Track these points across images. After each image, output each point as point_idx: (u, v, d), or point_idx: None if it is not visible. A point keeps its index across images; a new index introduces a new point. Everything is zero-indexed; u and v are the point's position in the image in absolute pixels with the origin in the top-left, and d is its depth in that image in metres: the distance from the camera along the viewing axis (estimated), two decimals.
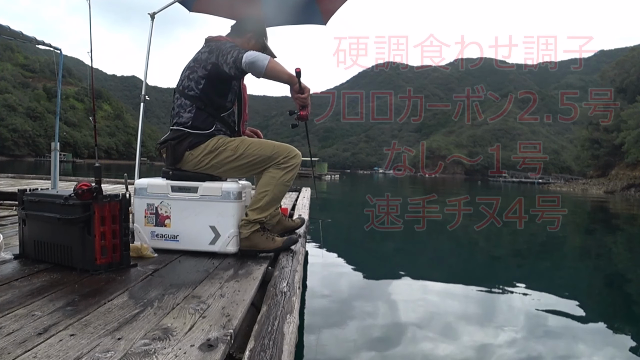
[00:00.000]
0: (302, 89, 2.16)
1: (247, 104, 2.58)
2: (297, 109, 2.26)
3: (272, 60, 2.12)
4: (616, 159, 49.68)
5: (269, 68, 2.09)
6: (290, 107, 2.31)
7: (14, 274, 1.71)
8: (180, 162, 2.28)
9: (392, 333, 3.31)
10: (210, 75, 2.22)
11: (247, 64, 2.10)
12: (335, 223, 9.87)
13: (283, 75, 2.13)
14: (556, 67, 3.18)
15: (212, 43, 2.29)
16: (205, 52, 2.26)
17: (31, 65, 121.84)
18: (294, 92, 2.17)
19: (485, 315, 3.90)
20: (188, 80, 2.27)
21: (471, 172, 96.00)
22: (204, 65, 2.23)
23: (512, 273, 6.07)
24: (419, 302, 4.27)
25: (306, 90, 2.17)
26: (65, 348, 1.07)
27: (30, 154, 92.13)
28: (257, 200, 2.24)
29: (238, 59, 2.11)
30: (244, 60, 2.10)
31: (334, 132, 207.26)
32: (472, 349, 3.10)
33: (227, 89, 2.31)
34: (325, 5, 3.25)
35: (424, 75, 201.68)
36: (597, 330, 3.72)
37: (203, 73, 2.23)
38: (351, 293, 4.47)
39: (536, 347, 3.15)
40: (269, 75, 2.12)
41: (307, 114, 2.26)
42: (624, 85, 52.40)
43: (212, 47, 2.25)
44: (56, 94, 4.77)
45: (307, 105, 2.24)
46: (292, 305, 1.49)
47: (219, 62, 2.18)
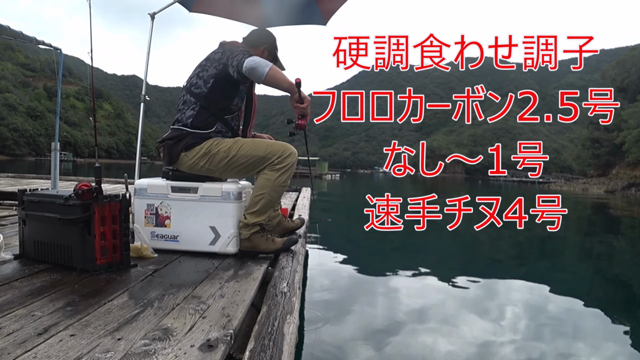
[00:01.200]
0: (301, 99, 2.17)
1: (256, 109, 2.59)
2: (295, 118, 2.26)
3: (274, 67, 2.12)
4: (617, 159, 49.68)
5: (269, 75, 2.09)
6: (290, 107, 2.30)
7: (14, 274, 1.71)
8: (176, 163, 2.28)
9: (392, 333, 3.31)
10: (219, 75, 2.23)
11: (248, 69, 2.10)
12: (335, 223, 9.87)
13: (283, 84, 2.14)
14: (556, 67, 3.17)
15: (227, 46, 2.32)
16: (219, 52, 2.28)
17: (32, 65, 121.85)
18: (294, 100, 2.18)
19: (485, 316, 3.90)
20: (197, 78, 2.28)
21: (472, 172, 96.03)
22: (216, 66, 2.24)
23: (511, 273, 6.07)
24: (420, 302, 4.27)
25: (306, 100, 2.19)
26: (65, 348, 1.07)
27: (31, 153, 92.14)
28: (253, 203, 2.23)
29: (241, 63, 2.12)
30: (245, 65, 2.10)
31: (335, 132, 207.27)
32: (472, 348, 3.10)
33: (234, 92, 2.32)
34: (326, 6, 3.25)
35: (424, 75, 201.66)
36: (598, 328, 3.72)
37: (213, 72, 2.24)
38: (351, 293, 4.47)
39: (535, 345, 3.15)
40: (268, 82, 2.13)
41: (305, 124, 2.27)
42: (624, 85, 52.39)
43: (226, 49, 2.28)
44: (57, 93, 4.77)
45: (306, 115, 2.24)
46: (292, 306, 1.49)
47: (228, 63, 2.20)
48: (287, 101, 2.29)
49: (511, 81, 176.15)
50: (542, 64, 3.15)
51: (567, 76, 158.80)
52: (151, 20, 3.53)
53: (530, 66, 3.16)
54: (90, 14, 2.30)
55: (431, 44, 3.20)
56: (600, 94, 3.21)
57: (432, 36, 3.20)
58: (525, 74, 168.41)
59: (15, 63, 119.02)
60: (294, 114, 2.27)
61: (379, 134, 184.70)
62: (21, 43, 5.28)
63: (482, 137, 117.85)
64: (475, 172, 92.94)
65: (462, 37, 3.22)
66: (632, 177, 42.53)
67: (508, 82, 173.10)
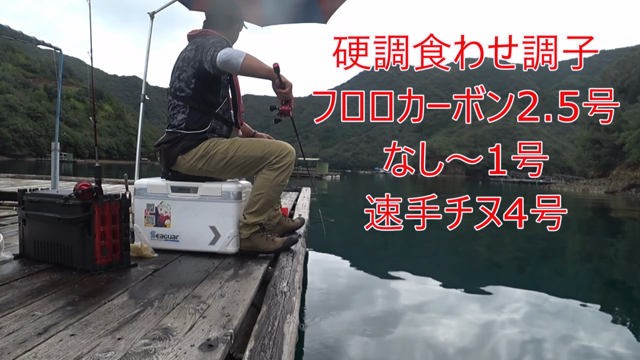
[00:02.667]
0: (282, 84, 2.08)
1: (241, 96, 2.53)
2: (278, 104, 2.20)
3: (248, 56, 2.01)
4: (617, 159, 49.63)
5: (244, 65, 2.01)
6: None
7: (14, 274, 1.71)
8: (173, 166, 2.27)
9: (392, 332, 3.31)
10: (198, 73, 2.18)
11: (222, 62, 2.03)
12: (336, 223, 9.86)
13: (261, 71, 2.05)
14: (556, 67, 3.17)
15: (197, 39, 2.23)
16: (192, 49, 2.20)
17: (32, 65, 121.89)
18: (275, 86, 2.10)
19: (485, 316, 3.89)
20: (179, 81, 2.23)
21: (472, 172, 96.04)
22: (192, 64, 2.18)
23: (511, 272, 6.07)
24: (419, 302, 4.27)
25: (287, 85, 2.10)
26: (65, 348, 1.07)
27: (32, 154, 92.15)
28: (252, 203, 2.22)
29: (214, 57, 2.05)
30: (218, 60, 2.03)
31: (335, 132, 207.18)
32: (472, 349, 3.10)
33: (217, 85, 2.27)
34: (326, 4, 3.25)
35: (425, 75, 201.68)
36: (598, 328, 3.72)
37: (192, 72, 2.19)
38: (351, 293, 4.47)
39: (535, 345, 3.15)
40: (245, 72, 2.05)
41: (289, 109, 2.20)
42: (625, 85, 52.37)
43: (198, 43, 2.19)
44: (57, 94, 4.77)
45: (290, 100, 2.17)
46: (292, 305, 1.49)
47: (202, 59, 2.13)
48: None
49: (511, 81, 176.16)
50: (542, 64, 3.14)
51: (568, 76, 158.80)
52: (151, 20, 3.53)
53: (530, 66, 3.16)
54: (90, 14, 2.30)
55: (431, 44, 3.19)
56: (600, 94, 3.21)
57: (432, 36, 3.20)
58: (525, 74, 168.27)
59: (16, 64, 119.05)
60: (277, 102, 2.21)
61: (380, 134, 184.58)
62: (22, 44, 5.29)
63: (483, 138, 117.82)
64: (475, 173, 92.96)
65: (462, 37, 3.22)
66: (633, 177, 42.49)
67: (508, 82, 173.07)
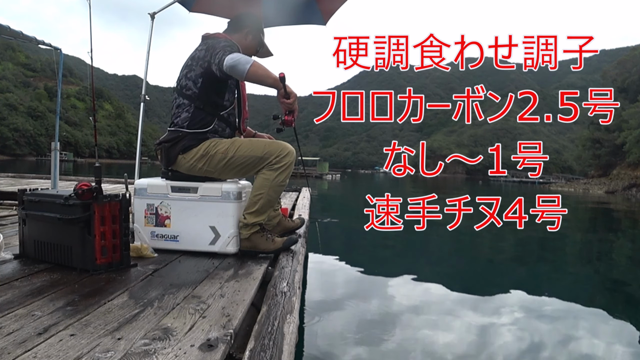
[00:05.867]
0: (287, 94, 2.10)
1: (247, 102, 2.56)
2: (281, 113, 2.21)
3: (255, 63, 2.05)
4: (617, 159, 49.62)
5: (250, 72, 2.02)
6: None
7: (14, 274, 1.71)
8: (173, 165, 2.27)
9: (392, 333, 3.31)
10: (206, 74, 2.20)
11: (228, 67, 2.05)
12: (336, 223, 9.87)
13: (267, 79, 2.07)
14: (556, 67, 3.16)
15: (209, 40, 2.26)
16: (203, 49, 2.23)
17: (32, 65, 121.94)
18: (280, 96, 2.12)
19: (485, 316, 3.89)
20: (186, 79, 2.25)
21: (472, 172, 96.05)
22: (201, 64, 2.20)
23: (511, 272, 6.07)
24: (419, 303, 4.27)
25: (292, 96, 2.11)
26: (65, 348, 1.07)
27: (32, 153, 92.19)
28: (252, 203, 2.21)
29: (221, 61, 2.07)
30: (225, 64, 2.05)
31: (335, 132, 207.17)
32: (471, 349, 3.10)
33: (224, 88, 2.28)
34: (326, 5, 3.24)
35: (425, 75, 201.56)
36: (597, 328, 3.72)
37: (200, 72, 2.20)
38: (351, 293, 4.47)
39: (535, 345, 3.15)
40: (250, 79, 2.07)
41: (292, 119, 2.21)
42: (625, 85, 52.33)
43: (209, 44, 2.22)
44: (57, 93, 4.77)
45: (293, 110, 2.18)
46: (292, 305, 1.49)
47: (211, 61, 2.15)
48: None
49: (511, 81, 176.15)
50: (542, 64, 3.14)
51: (568, 76, 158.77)
52: (151, 20, 3.53)
53: (531, 66, 3.16)
54: (90, 13, 2.30)
55: (431, 44, 3.19)
56: (600, 93, 3.21)
57: (432, 36, 3.20)
58: (525, 74, 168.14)
59: (16, 63, 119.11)
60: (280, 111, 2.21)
61: (380, 134, 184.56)
62: (22, 43, 5.28)
63: (483, 138, 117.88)
64: (475, 172, 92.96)
65: (462, 37, 3.22)
66: (633, 177, 42.47)
67: (508, 82, 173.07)
